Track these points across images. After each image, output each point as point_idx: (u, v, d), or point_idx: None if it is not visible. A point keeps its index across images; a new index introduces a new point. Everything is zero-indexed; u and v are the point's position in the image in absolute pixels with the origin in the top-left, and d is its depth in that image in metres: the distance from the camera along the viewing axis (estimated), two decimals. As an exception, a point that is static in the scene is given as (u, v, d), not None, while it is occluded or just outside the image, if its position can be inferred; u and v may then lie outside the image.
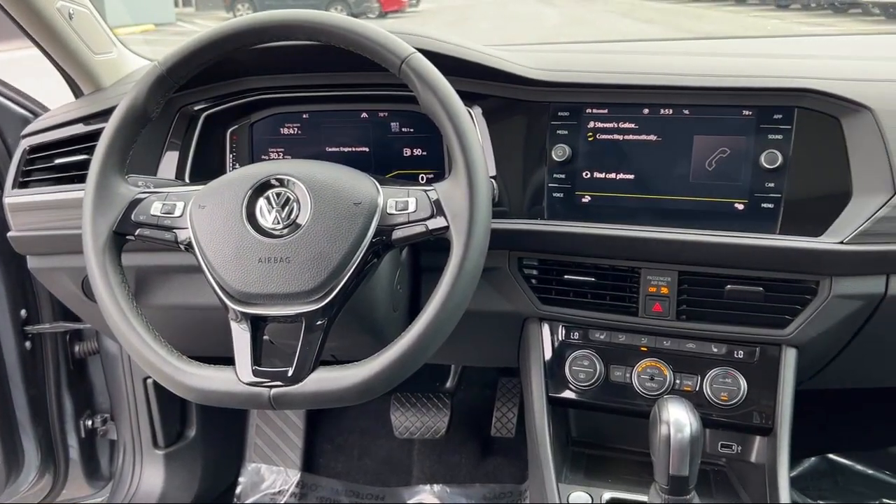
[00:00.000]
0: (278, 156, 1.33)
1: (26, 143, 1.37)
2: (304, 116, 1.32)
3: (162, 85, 0.97)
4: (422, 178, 1.29)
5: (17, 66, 1.86)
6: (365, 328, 1.11)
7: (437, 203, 0.90)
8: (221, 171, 1.30)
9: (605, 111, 1.17)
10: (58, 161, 1.33)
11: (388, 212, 0.92)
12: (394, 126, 1.29)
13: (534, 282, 1.24)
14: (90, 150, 1.18)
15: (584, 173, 1.19)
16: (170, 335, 0.97)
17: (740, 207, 1.12)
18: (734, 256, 1.11)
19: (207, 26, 0.97)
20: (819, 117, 1.08)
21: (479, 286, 0.90)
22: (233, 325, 0.91)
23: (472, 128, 0.90)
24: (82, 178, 1.01)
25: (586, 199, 1.19)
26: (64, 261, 1.37)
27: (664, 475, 0.96)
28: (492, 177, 1.18)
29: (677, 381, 1.19)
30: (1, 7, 1.30)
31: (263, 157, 1.34)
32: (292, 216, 0.91)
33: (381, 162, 1.30)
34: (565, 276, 1.22)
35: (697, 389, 1.17)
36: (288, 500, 2.10)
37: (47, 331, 1.79)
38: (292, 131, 1.32)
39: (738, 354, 1.17)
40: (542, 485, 1.21)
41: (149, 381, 1.76)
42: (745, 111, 1.11)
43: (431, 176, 1.29)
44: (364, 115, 1.30)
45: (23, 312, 1.74)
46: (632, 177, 1.17)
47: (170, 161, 1.30)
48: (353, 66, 1.17)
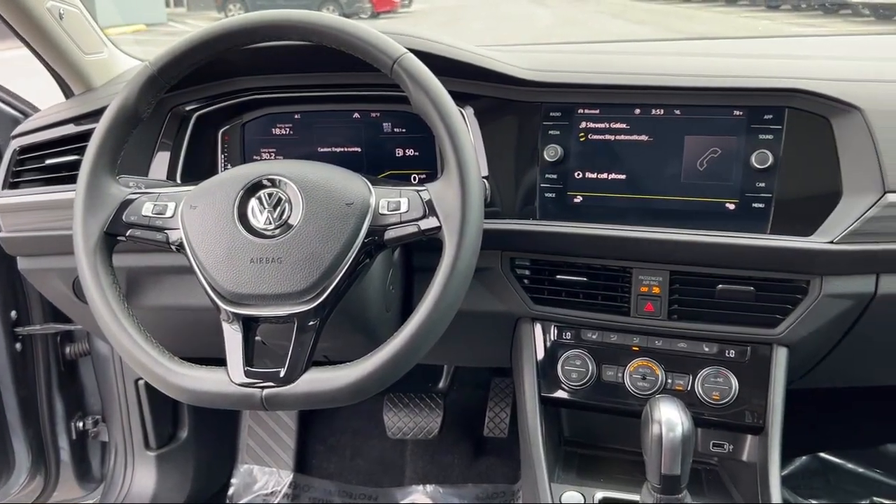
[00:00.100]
0: (270, 156, 1.33)
1: (16, 144, 1.37)
2: (296, 117, 1.31)
3: (153, 85, 0.97)
4: (414, 179, 1.29)
5: (7, 66, 1.85)
6: (357, 328, 1.11)
7: (429, 203, 0.90)
8: (213, 172, 1.30)
9: (597, 111, 1.18)
10: (48, 161, 1.33)
11: (380, 212, 0.92)
12: (386, 126, 1.29)
13: (526, 282, 1.24)
14: (81, 151, 1.18)
15: (575, 173, 1.19)
16: (161, 336, 0.97)
17: (731, 207, 1.13)
18: (725, 256, 1.12)
19: (199, 26, 0.97)
20: (809, 117, 1.09)
21: (472, 286, 0.90)
22: (224, 325, 0.90)
23: (463, 128, 0.90)
24: (73, 179, 1.00)
25: (578, 200, 1.19)
26: (54, 262, 1.36)
27: (656, 474, 0.96)
28: (484, 177, 1.17)
29: (669, 381, 1.19)
30: (-9, 7, 1.29)
31: (255, 157, 1.33)
32: (284, 216, 0.91)
33: (373, 162, 1.30)
34: (557, 276, 1.22)
35: (689, 389, 1.18)
36: (280, 501, 2.10)
37: (38, 332, 1.78)
38: (284, 131, 1.32)
39: (729, 354, 1.17)
40: (535, 484, 1.21)
41: (140, 382, 1.76)
42: (735, 111, 1.12)
43: (423, 176, 1.29)
44: (356, 115, 1.29)
45: (13, 314, 1.73)
46: (623, 177, 1.17)
47: (161, 161, 1.29)
48: (346, 66, 1.17)
